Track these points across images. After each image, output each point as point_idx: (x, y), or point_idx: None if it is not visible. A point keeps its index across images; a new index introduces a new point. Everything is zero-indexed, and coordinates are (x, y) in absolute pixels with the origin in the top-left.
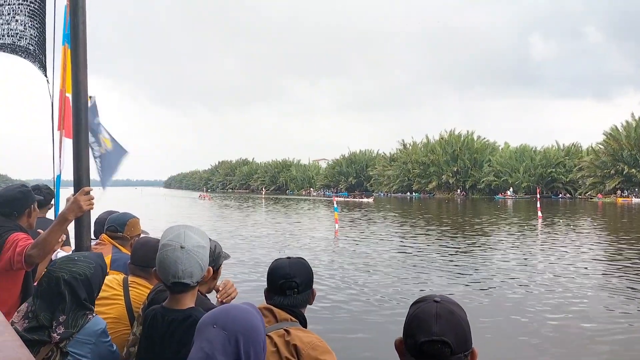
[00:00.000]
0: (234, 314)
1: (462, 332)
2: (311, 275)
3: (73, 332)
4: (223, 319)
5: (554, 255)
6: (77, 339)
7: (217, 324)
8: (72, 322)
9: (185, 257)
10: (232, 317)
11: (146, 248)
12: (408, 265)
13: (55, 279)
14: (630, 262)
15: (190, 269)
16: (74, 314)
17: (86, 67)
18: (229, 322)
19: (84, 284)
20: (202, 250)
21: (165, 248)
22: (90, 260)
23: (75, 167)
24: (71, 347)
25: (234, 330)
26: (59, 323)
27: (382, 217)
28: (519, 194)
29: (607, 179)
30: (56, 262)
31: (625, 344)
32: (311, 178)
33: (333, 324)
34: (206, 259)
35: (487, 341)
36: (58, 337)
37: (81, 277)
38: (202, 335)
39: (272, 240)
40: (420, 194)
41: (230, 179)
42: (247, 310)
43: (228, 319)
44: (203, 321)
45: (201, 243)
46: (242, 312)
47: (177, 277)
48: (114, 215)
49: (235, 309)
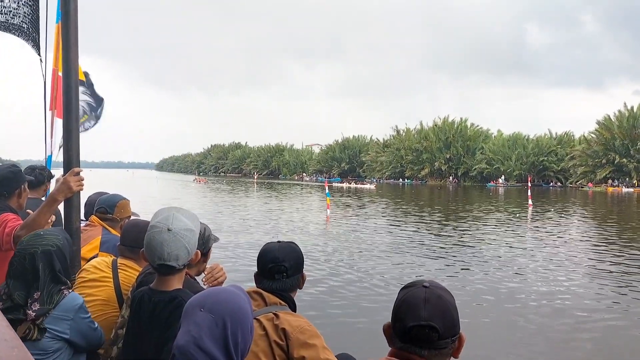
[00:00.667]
0: (222, 297)
1: (450, 317)
2: (301, 259)
3: (49, 309)
4: (210, 302)
5: (543, 242)
6: (53, 315)
7: (205, 307)
8: (47, 298)
9: (172, 240)
10: (220, 300)
11: (136, 230)
12: (400, 250)
13: (29, 255)
14: (619, 250)
15: (176, 251)
16: (49, 289)
17: (77, 46)
18: (216, 305)
19: (57, 254)
20: (190, 233)
21: (152, 230)
22: (56, 233)
23: (65, 148)
24: (48, 324)
25: (221, 313)
26: (33, 300)
27: (375, 202)
28: (511, 182)
29: (598, 168)
30: (23, 241)
31: (613, 330)
32: (304, 163)
33: (324, 308)
34: (194, 243)
35: (476, 326)
36: (34, 314)
37: (54, 249)
38: (189, 318)
39: (264, 224)
40: (412, 181)
41: (223, 163)
42: (234, 293)
43: (215, 302)
44: (190, 304)
45: (189, 226)
46: (230, 295)
47: (163, 259)
48: (104, 196)
49: (223, 291)
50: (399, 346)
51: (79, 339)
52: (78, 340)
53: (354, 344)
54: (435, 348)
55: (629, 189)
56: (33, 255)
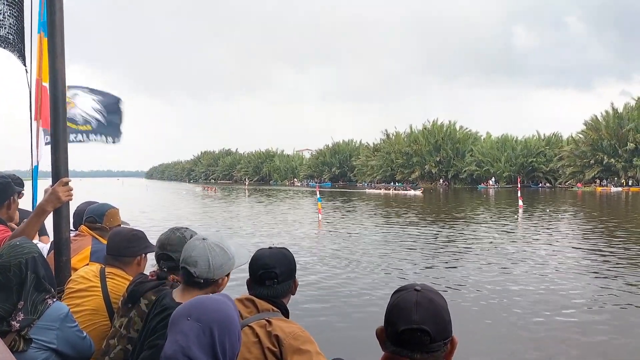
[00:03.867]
0: (208, 305)
1: (442, 321)
2: (293, 265)
3: (34, 319)
4: (197, 310)
5: (534, 242)
6: (39, 325)
7: (191, 315)
8: (32, 308)
9: (200, 247)
10: (206, 308)
11: (119, 238)
12: (394, 254)
13: (15, 265)
14: (608, 248)
15: (196, 257)
16: (33, 299)
17: (64, 56)
18: (203, 314)
19: (40, 261)
20: (219, 250)
21: (193, 238)
22: (31, 243)
23: (54, 158)
24: (34, 334)
25: (208, 321)
26: (17, 310)
27: (367, 206)
28: (501, 184)
29: (587, 168)
30: (2, 254)
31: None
32: (295, 168)
33: (317, 313)
34: (219, 261)
35: (468, 329)
36: (18, 324)
37: (37, 254)
38: (176, 327)
39: (258, 231)
40: (403, 184)
41: (214, 170)
42: (221, 301)
43: (202, 310)
44: (176, 313)
45: (223, 245)
46: (216, 303)
47: (185, 261)
48: (92, 206)
49: (209, 299)
50: (391, 350)
51: (67, 348)
52: (66, 350)
53: (347, 349)
54: (428, 351)
55: (618, 188)
56: (19, 265)
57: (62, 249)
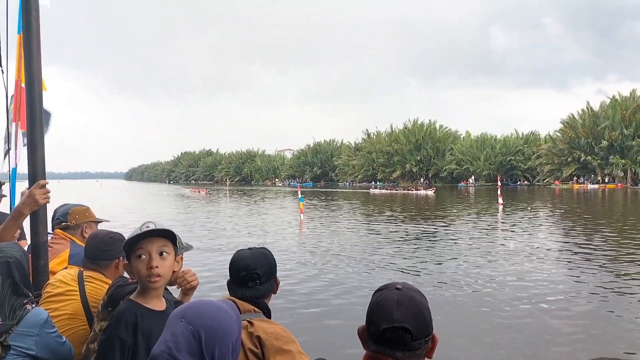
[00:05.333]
0: (204, 310)
1: (423, 319)
2: (273, 265)
3: (12, 325)
4: (192, 313)
5: (513, 239)
6: (17, 331)
7: (185, 317)
8: (10, 313)
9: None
10: (200, 312)
11: (96, 241)
12: (375, 252)
13: None
14: (587, 242)
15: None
16: (11, 303)
17: (40, 56)
18: (196, 317)
19: (16, 266)
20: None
21: None
22: (12, 245)
23: (31, 160)
24: (12, 341)
25: (199, 326)
26: None
27: (347, 205)
28: (480, 182)
29: (564, 166)
30: None
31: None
32: (276, 168)
33: (299, 313)
34: None
35: (449, 324)
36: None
37: (12, 260)
38: (169, 328)
39: (239, 231)
40: (384, 183)
41: (194, 171)
42: (219, 307)
43: (196, 313)
44: (174, 314)
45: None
46: (214, 309)
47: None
48: (62, 207)
49: (208, 304)
50: (373, 349)
51: (46, 354)
52: (45, 356)
53: (329, 349)
54: (409, 349)
55: (595, 185)
56: None
57: (39, 252)
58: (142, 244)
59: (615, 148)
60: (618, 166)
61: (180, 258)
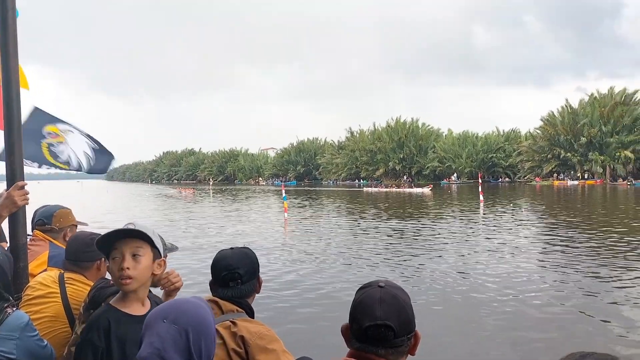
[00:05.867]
0: (185, 308)
1: (405, 316)
2: (256, 264)
3: None
4: (174, 313)
5: (495, 235)
6: None
7: (168, 318)
8: None
9: None
10: (183, 311)
11: (77, 242)
12: (360, 250)
13: None
14: (567, 237)
15: None
16: None
17: (17, 55)
18: (179, 316)
19: None
20: None
21: None
22: None
23: (8, 161)
24: None
25: (185, 324)
26: None
27: (332, 204)
28: (462, 179)
29: (544, 162)
30: None
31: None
32: (260, 167)
33: (283, 312)
34: None
35: (431, 323)
36: None
37: None
38: (152, 330)
39: (222, 231)
40: (368, 181)
41: (176, 170)
42: (197, 304)
43: (179, 312)
44: (152, 316)
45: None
46: (193, 306)
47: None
48: (42, 209)
49: (186, 302)
50: (356, 346)
51: (27, 357)
52: (26, 359)
53: (313, 347)
54: (392, 346)
55: (574, 181)
56: None
57: (19, 254)
58: (116, 245)
59: (594, 145)
60: (597, 163)
61: (163, 261)
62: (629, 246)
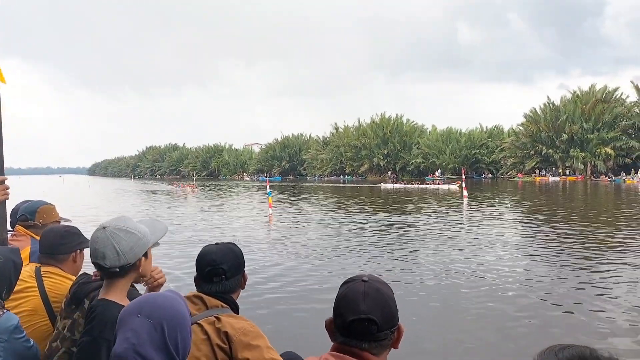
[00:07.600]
0: (159, 302)
1: (389, 310)
2: (240, 260)
3: None
4: (148, 307)
5: (478, 231)
6: None
7: (142, 312)
8: None
9: (103, 238)
10: (157, 305)
11: (52, 235)
12: (345, 246)
13: None
14: (549, 231)
15: (102, 249)
16: None
17: None
18: (154, 310)
19: None
20: (124, 234)
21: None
22: None
23: None
24: None
25: (160, 318)
26: None
27: (317, 198)
28: (446, 175)
29: (527, 159)
30: None
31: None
32: (244, 163)
33: (267, 307)
34: (126, 245)
35: (414, 317)
36: None
37: None
38: (126, 325)
39: (206, 227)
40: (352, 177)
41: (160, 165)
42: (171, 298)
43: (153, 307)
44: (126, 311)
45: (125, 227)
46: (167, 300)
47: (93, 256)
48: (25, 204)
49: (159, 296)
50: (340, 340)
51: (13, 359)
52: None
53: (297, 342)
54: (375, 340)
55: (556, 177)
56: None
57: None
58: None
59: (575, 141)
60: (578, 159)
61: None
62: (612, 238)
